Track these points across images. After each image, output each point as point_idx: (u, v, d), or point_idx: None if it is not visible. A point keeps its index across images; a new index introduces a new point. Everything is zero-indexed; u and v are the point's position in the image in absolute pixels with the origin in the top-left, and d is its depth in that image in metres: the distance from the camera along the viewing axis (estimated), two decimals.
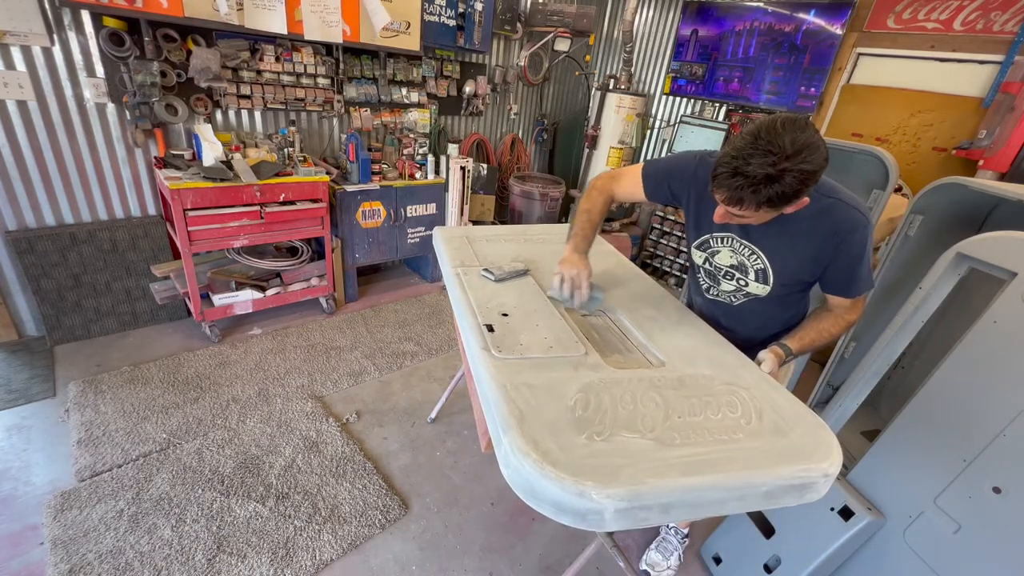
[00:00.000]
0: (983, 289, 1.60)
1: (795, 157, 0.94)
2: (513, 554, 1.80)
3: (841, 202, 1.13)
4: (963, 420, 1.21)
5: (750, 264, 1.27)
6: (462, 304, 1.33)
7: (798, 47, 3.54)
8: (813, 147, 0.96)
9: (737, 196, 1.01)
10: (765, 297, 1.29)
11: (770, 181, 0.96)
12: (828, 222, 1.13)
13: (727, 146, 1.02)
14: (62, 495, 1.78)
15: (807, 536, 1.48)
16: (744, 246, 1.26)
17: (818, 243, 1.15)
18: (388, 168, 3.27)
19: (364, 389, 2.56)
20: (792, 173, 0.95)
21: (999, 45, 2.76)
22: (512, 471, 0.85)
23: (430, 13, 3.28)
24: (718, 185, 1.04)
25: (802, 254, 1.19)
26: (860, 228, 1.12)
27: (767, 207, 1.03)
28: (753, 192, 0.98)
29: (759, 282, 1.27)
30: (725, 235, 1.29)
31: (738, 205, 1.04)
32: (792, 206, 1.06)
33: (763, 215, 1.09)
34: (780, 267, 1.23)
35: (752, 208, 1.03)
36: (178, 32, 2.52)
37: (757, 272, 1.27)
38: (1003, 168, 2.63)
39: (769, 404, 1.02)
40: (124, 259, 2.67)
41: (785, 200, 1.01)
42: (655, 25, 4.43)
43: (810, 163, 0.96)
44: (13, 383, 2.30)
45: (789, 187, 0.97)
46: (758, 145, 0.96)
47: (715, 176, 1.04)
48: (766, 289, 1.27)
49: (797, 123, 0.97)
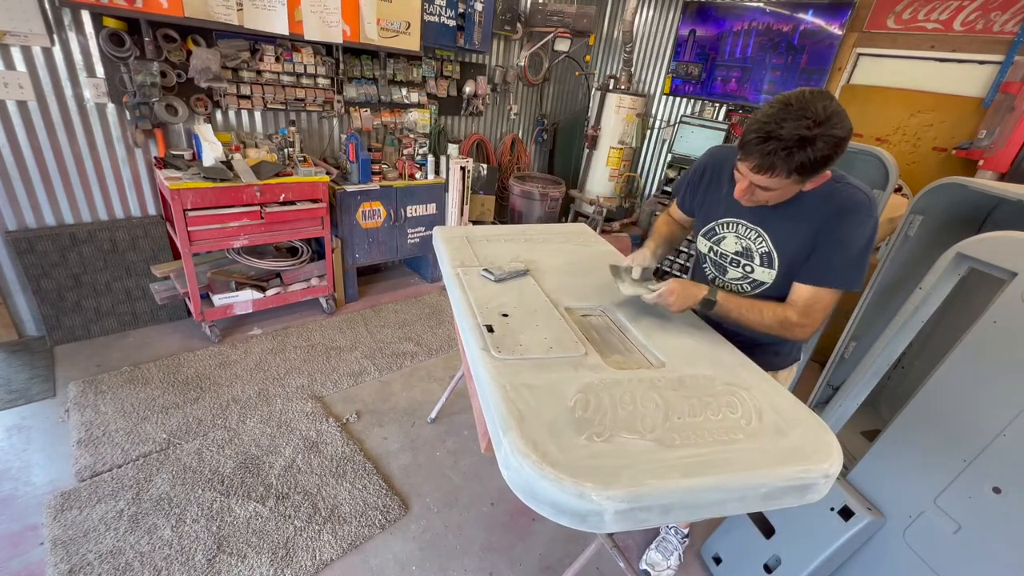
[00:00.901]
0: (983, 289, 1.60)
1: (827, 123, 0.96)
2: (513, 554, 1.80)
3: (849, 185, 1.13)
4: (963, 420, 1.21)
5: (755, 248, 1.26)
6: (462, 304, 1.33)
7: (795, 47, 3.54)
8: (842, 115, 0.98)
9: (769, 162, 1.01)
10: (771, 289, 1.27)
11: (803, 145, 0.97)
12: (832, 202, 1.13)
13: (755, 115, 1.03)
14: (62, 495, 1.78)
15: (807, 536, 1.48)
16: (750, 229, 1.26)
17: (819, 221, 1.14)
18: (388, 168, 3.27)
19: (364, 389, 2.56)
20: (824, 138, 0.97)
21: (999, 45, 2.76)
22: (512, 472, 0.85)
23: (430, 13, 3.28)
24: (747, 152, 1.03)
25: (804, 233, 1.17)
26: (862, 209, 1.11)
27: (796, 175, 1.02)
28: (786, 155, 0.98)
29: (764, 266, 1.25)
30: (730, 221, 1.30)
31: (768, 172, 1.03)
32: (814, 180, 1.06)
33: (787, 188, 1.08)
34: (784, 248, 1.21)
35: (783, 175, 1.02)
36: (178, 32, 2.52)
37: (762, 256, 1.25)
38: (1003, 168, 2.63)
39: (769, 404, 1.02)
40: (124, 259, 2.67)
41: (814, 168, 1.01)
42: (655, 25, 4.43)
43: (841, 129, 0.98)
44: (13, 383, 2.30)
45: (820, 152, 0.98)
46: (789, 111, 0.97)
47: (744, 144, 1.04)
48: (772, 274, 1.25)
49: (824, 93, 0.99)
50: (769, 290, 1.28)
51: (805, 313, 1.17)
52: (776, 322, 1.19)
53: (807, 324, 1.18)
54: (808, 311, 1.17)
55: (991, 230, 1.25)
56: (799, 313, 1.18)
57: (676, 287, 1.23)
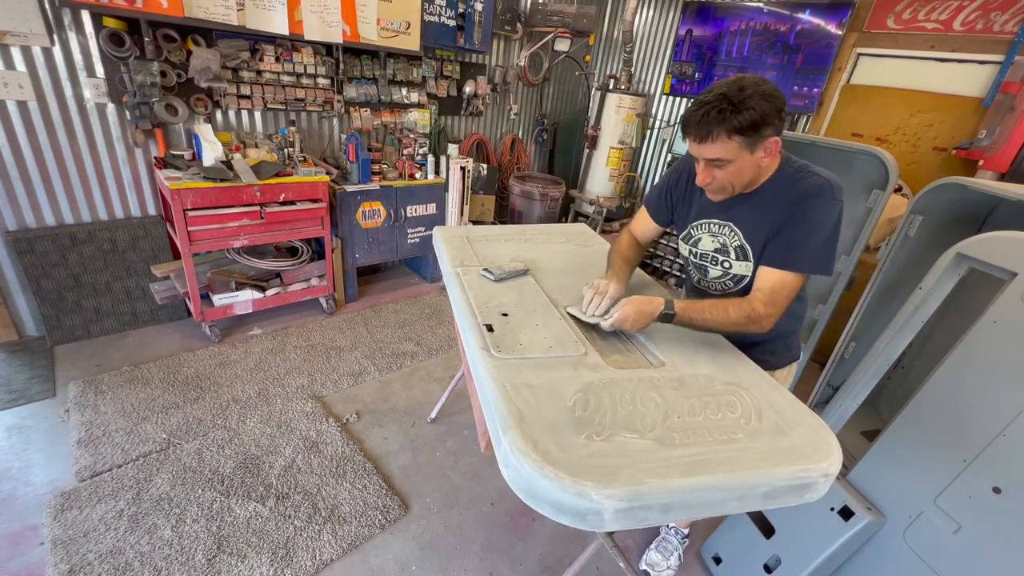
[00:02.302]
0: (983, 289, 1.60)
1: (753, 84, 1.03)
2: (513, 554, 1.80)
3: (811, 172, 1.15)
4: (963, 420, 1.21)
5: (730, 243, 1.27)
6: (462, 304, 1.33)
7: (791, 47, 3.54)
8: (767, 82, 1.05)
9: (705, 128, 1.05)
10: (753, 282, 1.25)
11: (733, 104, 1.01)
12: (796, 188, 1.14)
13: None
14: (62, 495, 1.78)
15: (807, 536, 1.48)
16: (721, 226, 1.28)
17: (784, 207, 1.14)
18: (388, 168, 3.27)
19: (364, 389, 2.56)
20: (754, 97, 1.01)
21: (999, 45, 2.76)
22: (511, 471, 0.85)
23: (430, 13, 3.28)
24: (687, 129, 1.09)
25: (771, 220, 1.16)
26: (823, 193, 1.11)
27: (739, 136, 1.05)
28: (719, 114, 1.03)
29: (740, 259, 1.26)
30: (702, 221, 1.32)
31: (709, 138, 1.06)
32: (765, 147, 1.08)
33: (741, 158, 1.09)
34: (755, 239, 1.21)
35: (724, 137, 1.05)
36: (178, 32, 2.52)
37: (736, 250, 1.26)
38: (1003, 168, 2.63)
39: (769, 404, 1.02)
40: (124, 259, 2.67)
41: (755, 127, 1.03)
42: (655, 25, 4.43)
43: (768, 87, 1.04)
44: (13, 383, 2.30)
45: (754, 108, 1.01)
46: (716, 85, 1.06)
47: (684, 125, 1.10)
48: (749, 267, 1.25)
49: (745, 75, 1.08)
50: (751, 283, 1.27)
51: (770, 301, 1.13)
52: (743, 317, 1.14)
53: (772, 314, 1.14)
54: (773, 298, 1.14)
55: (991, 230, 1.25)
56: (764, 302, 1.13)
57: (630, 311, 1.16)
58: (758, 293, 1.16)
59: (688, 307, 1.17)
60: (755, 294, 1.17)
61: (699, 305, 1.18)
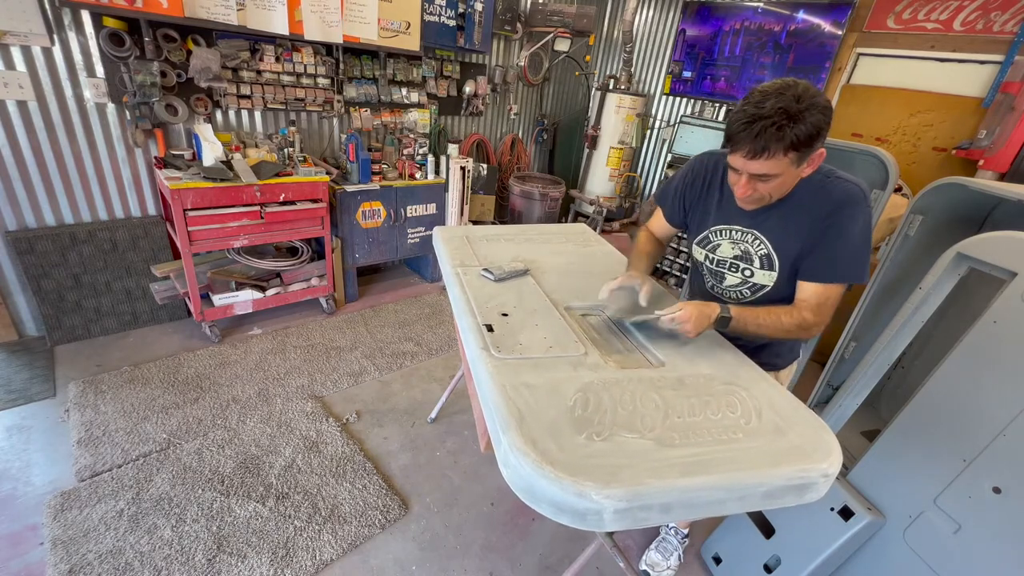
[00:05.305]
0: (983, 289, 1.60)
1: (806, 94, 0.97)
2: (513, 554, 1.80)
3: (841, 179, 1.13)
4: (963, 420, 1.21)
5: (754, 251, 1.24)
6: (462, 304, 1.33)
7: (782, 46, 3.55)
8: (816, 89, 1.00)
9: (761, 143, 0.99)
10: (772, 291, 1.26)
11: (791, 117, 0.96)
12: (825, 195, 1.13)
13: (735, 109, 1.04)
14: (62, 495, 1.78)
15: (807, 536, 1.48)
16: (745, 233, 1.25)
17: (816, 216, 1.13)
18: (388, 168, 3.27)
19: (364, 389, 2.56)
20: (810, 109, 0.97)
21: (999, 45, 2.76)
22: (511, 471, 0.85)
23: (430, 13, 3.28)
24: (737, 143, 1.02)
25: (802, 229, 1.15)
26: (857, 202, 1.11)
27: (793, 153, 1.00)
28: (778, 131, 0.97)
29: (765, 269, 1.24)
30: (722, 227, 1.29)
31: (763, 154, 1.00)
32: (811, 161, 1.05)
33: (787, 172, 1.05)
34: (784, 248, 1.20)
35: (779, 155, 1.00)
36: (178, 32, 2.52)
37: (762, 259, 1.24)
38: (1003, 168, 2.63)
39: (768, 404, 1.02)
40: (124, 259, 2.67)
41: (809, 141, 0.99)
42: (655, 25, 4.43)
43: (821, 98, 0.99)
44: (13, 383, 2.30)
45: (811, 122, 0.97)
46: (767, 94, 0.98)
47: (732, 136, 1.03)
48: (773, 276, 1.24)
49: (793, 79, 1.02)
50: (770, 292, 1.27)
51: (818, 311, 1.16)
52: (794, 325, 1.16)
53: (820, 323, 1.17)
54: (820, 309, 1.16)
55: (991, 230, 1.25)
56: (813, 312, 1.16)
57: (692, 311, 1.13)
58: (804, 303, 1.17)
59: (743, 312, 1.17)
60: (800, 303, 1.18)
61: (753, 311, 1.18)
